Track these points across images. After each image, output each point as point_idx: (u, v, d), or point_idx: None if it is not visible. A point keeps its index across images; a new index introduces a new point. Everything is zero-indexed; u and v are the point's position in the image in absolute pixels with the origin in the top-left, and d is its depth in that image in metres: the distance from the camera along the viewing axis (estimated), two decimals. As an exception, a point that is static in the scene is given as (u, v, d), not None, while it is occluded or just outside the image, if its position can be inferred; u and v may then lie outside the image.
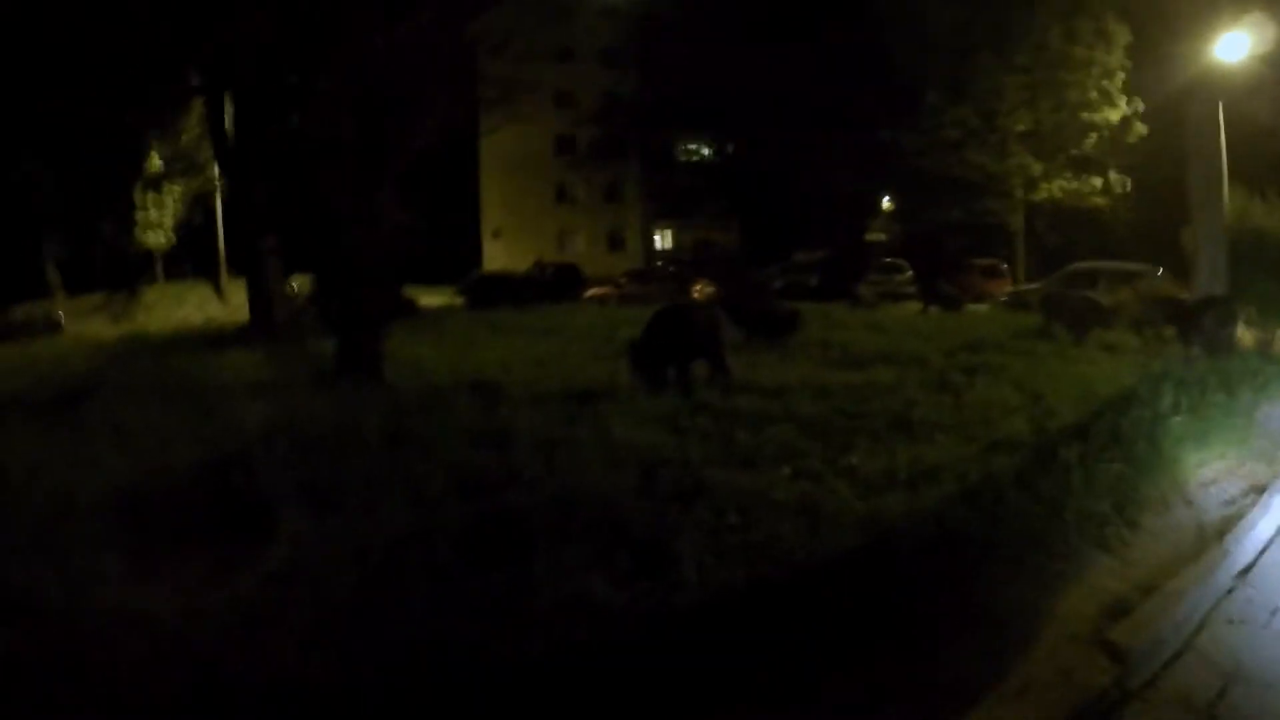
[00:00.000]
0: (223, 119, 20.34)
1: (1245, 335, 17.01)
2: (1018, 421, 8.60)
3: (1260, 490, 6.94)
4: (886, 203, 49.96)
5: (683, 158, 56.26)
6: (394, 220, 12.86)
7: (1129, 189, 37.55)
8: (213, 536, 5.11)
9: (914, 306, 26.87)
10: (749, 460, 6.77)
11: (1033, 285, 30.21)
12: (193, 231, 35.45)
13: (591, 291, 32.91)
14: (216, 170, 27.95)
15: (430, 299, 28.61)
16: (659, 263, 50.21)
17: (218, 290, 33.28)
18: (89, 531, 5.06)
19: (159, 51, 17.06)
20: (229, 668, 3.58)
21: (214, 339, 18.22)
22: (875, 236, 49.98)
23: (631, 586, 4.32)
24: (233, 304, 28.57)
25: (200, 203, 34.22)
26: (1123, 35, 33.78)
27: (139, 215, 33.06)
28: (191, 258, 36.57)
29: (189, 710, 3.41)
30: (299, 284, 24.03)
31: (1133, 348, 15.25)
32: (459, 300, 31.27)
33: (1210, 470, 7.43)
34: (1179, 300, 17.40)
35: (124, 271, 32.13)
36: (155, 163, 32.06)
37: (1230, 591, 5.23)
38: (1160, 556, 5.56)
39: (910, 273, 35.32)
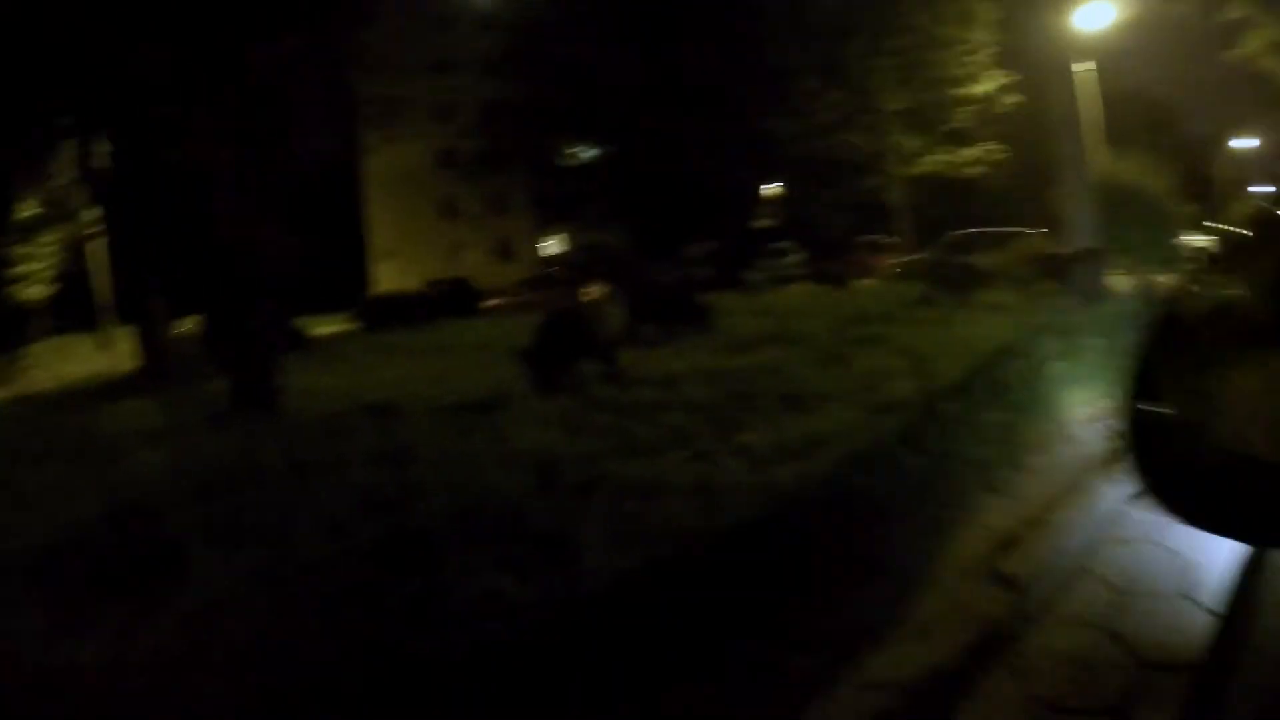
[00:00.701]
0: (92, 159, 19.78)
1: (1120, 281, 17.90)
2: (903, 385, 8.99)
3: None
4: (773, 188, 50.74)
5: (566, 162, 56.35)
6: (280, 247, 12.74)
7: (1003, 157, 38.94)
8: (125, 585, 5.05)
9: (803, 287, 27.51)
10: (645, 449, 6.98)
11: (915, 257, 31.17)
12: (73, 280, 34.27)
13: (491, 302, 32.87)
14: (94, 214, 27.04)
15: (323, 328, 28.24)
16: (552, 269, 50.25)
17: (101, 340, 32.21)
18: (-2, 593, 5.01)
19: (26, 94, 16.56)
20: (162, 712, 3.62)
21: (106, 390, 17.78)
22: (764, 222, 50.71)
23: (538, 580, 4.48)
24: (121, 352, 27.73)
25: (74, 250, 33.06)
26: (987, 12, 35.06)
27: (11, 270, 31.85)
28: (74, 309, 35.37)
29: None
30: (186, 326, 23.54)
31: (1013, 305, 15.93)
32: (354, 325, 30.89)
33: (1092, 409, 7.75)
34: (1054, 255, 18.23)
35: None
36: (26, 211, 30.83)
37: (1121, 515, 5.48)
38: (1047, 492, 5.89)
39: (798, 255, 36.04)
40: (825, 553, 4.83)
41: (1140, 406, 1.18)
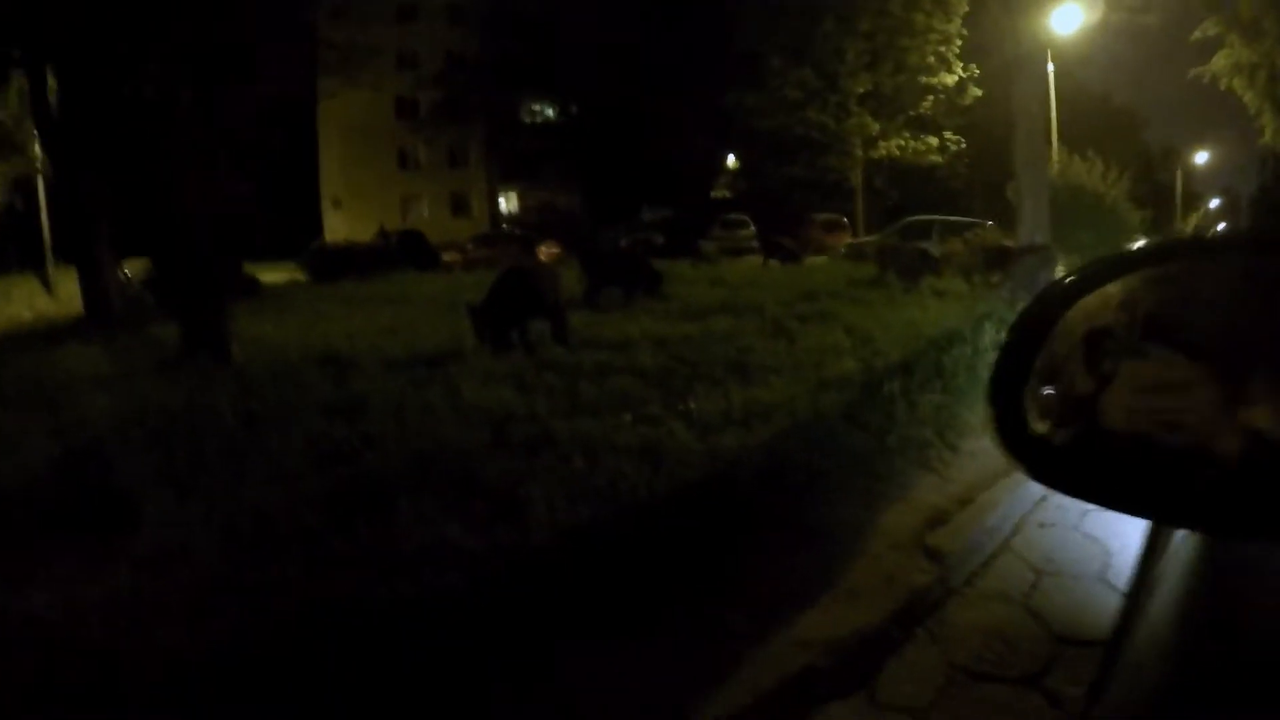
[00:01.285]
0: (45, 93, 19.16)
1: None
2: (848, 362, 9.20)
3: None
4: (731, 161, 50.85)
5: (527, 119, 55.96)
6: (233, 191, 12.61)
7: (963, 147, 39.41)
8: (78, 532, 5.08)
9: (756, 260, 27.70)
10: (593, 410, 7.12)
11: (870, 238, 31.53)
12: (15, 219, 33.22)
13: (446, 257, 32.57)
14: (39, 151, 26.25)
15: (271, 275, 27.83)
16: (504, 226, 49.98)
17: (45, 282, 31.34)
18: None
19: None
20: (120, 656, 3.62)
21: (48, 334, 17.45)
22: (721, 194, 50.88)
23: (488, 531, 4.63)
24: (63, 296, 26.99)
25: (20, 187, 32.06)
26: (961, 4, 35.30)
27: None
28: (16, 248, 34.29)
29: (89, 704, 3.46)
30: (132, 269, 23.08)
31: (961, 293, 16.24)
32: (301, 275, 30.42)
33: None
34: (1005, 248, 18.58)
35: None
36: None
37: (1043, 499, 5.76)
38: (978, 474, 6.11)
39: (753, 228, 36.23)
40: (764, 519, 5.04)
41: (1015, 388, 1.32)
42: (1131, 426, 1.20)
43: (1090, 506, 4.93)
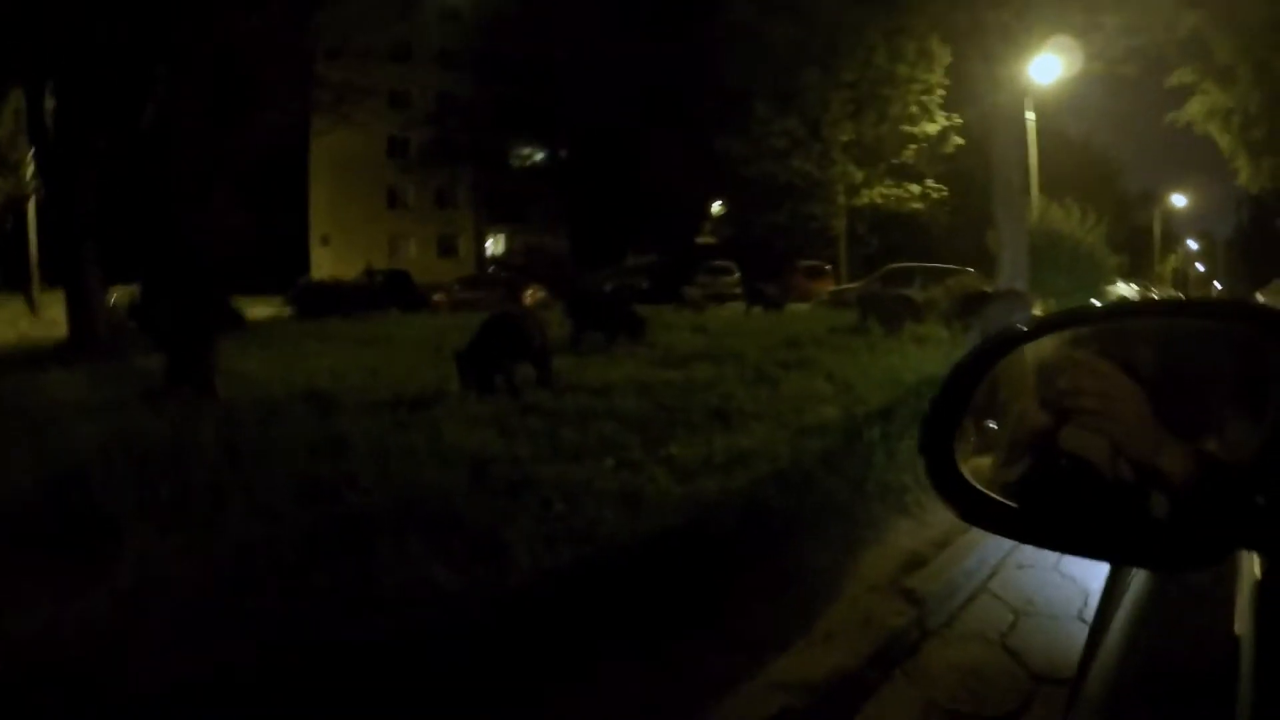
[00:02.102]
0: (43, 113, 19.05)
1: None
2: (828, 409, 9.32)
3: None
4: (717, 207, 51.21)
5: (516, 162, 56.27)
6: (229, 223, 12.65)
7: (945, 195, 39.86)
8: (57, 557, 5.08)
9: (740, 307, 27.86)
10: (574, 454, 7.19)
11: (852, 285, 31.81)
12: (2, 240, 32.97)
13: (434, 298, 32.59)
14: (30, 171, 26.07)
15: (257, 310, 27.84)
16: (491, 269, 50.08)
17: (30, 304, 31.14)
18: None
19: None
20: (98, 682, 3.63)
21: (32, 358, 17.41)
22: (706, 239, 51.18)
23: (469, 572, 4.68)
24: (48, 318, 26.84)
25: (10, 208, 31.86)
26: (944, 55, 35.86)
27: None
28: (2, 269, 34.01)
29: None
30: (117, 296, 23.00)
31: (941, 339, 16.39)
32: (286, 310, 30.41)
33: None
34: (985, 294, 18.79)
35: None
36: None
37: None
38: (956, 519, 6.19)
39: (738, 274, 36.43)
40: (742, 563, 5.10)
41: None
42: (1085, 452, 1.23)
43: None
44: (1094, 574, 5.05)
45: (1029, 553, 5.68)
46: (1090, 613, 4.59)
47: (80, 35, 12.58)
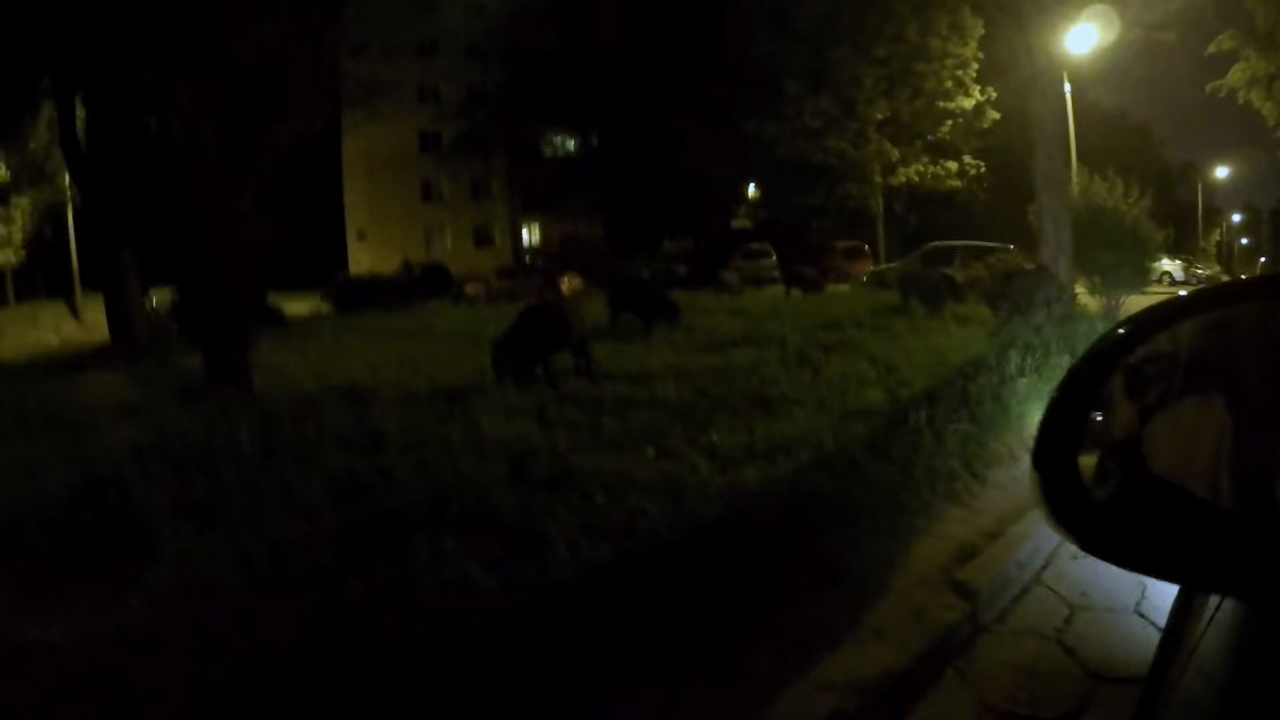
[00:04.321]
0: (74, 124, 19.32)
1: (1090, 301, 18.18)
2: (872, 392, 9.15)
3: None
4: (752, 190, 50.89)
5: (548, 151, 56.22)
6: (256, 224, 12.66)
7: (983, 171, 39.31)
8: (95, 560, 5.08)
9: (778, 290, 27.62)
10: (614, 444, 7.05)
11: (891, 265, 31.43)
12: (44, 247, 33.54)
13: (469, 289, 32.64)
14: (68, 179, 26.43)
15: (296, 306, 28.05)
16: (527, 258, 50.13)
17: (73, 309, 31.64)
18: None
19: (3, 51, 16.11)
20: (136, 686, 3.58)
21: (74, 361, 17.60)
22: (742, 223, 50.89)
23: (507, 569, 4.55)
24: (90, 322, 27.19)
25: (50, 215, 32.39)
26: (976, 28, 35.32)
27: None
28: (44, 275, 34.61)
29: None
30: (158, 298, 23.28)
31: (984, 318, 16.12)
32: (325, 306, 30.62)
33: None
34: (1023, 272, 18.45)
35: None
36: (1, 173, 30.20)
37: None
38: (1007, 505, 6.00)
39: (775, 257, 36.15)
40: (787, 555, 4.91)
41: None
42: (1172, 473, 1.13)
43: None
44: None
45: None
46: (1149, 607, 4.41)
47: (105, 48, 12.64)
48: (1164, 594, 1.46)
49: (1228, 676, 1.18)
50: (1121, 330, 1.24)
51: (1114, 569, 3.82)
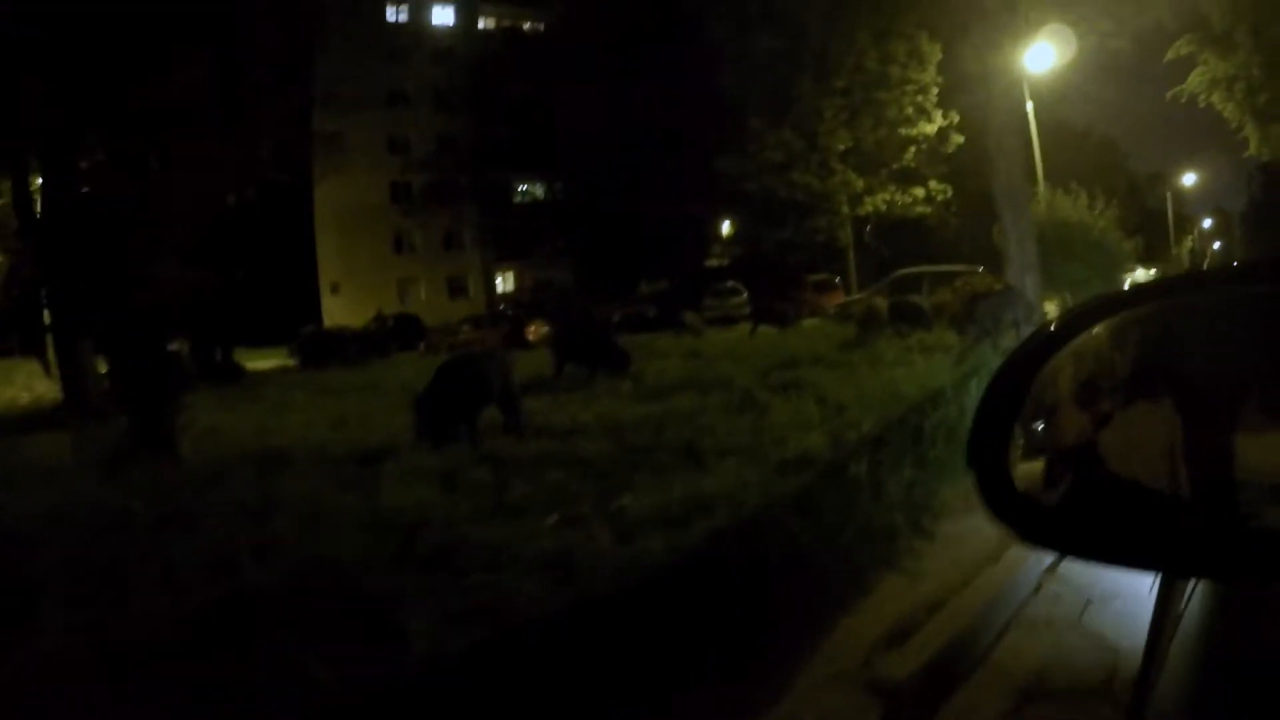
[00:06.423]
0: (27, 186, 19.21)
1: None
2: (815, 437, 8.65)
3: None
4: (726, 227, 50.91)
5: (518, 198, 56.24)
6: (194, 284, 12.39)
7: (950, 195, 39.30)
8: None
9: (746, 328, 27.33)
10: (517, 511, 6.67)
11: (857, 297, 31.25)
12: (18, 304, 33.21)
13: (421, 345, 32.34)
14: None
15: (262, 362, 27.74)
16: (501, 306, 49.92)
17: (45, 366, 31.23)
18: None
19: None
20: None
21: (28, 420, 17.39)
22: (717, 261, 50.82)
23: (352, 662, 4.17)
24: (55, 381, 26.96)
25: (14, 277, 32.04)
26: (935, 53, 35.47)
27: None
28: (19, 332, 34.32)
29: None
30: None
31: (950, 346, 15.77)
32: (292, 360, 30.23)
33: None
34: (989, 294, 18.24)
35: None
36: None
37: (1037, 590, 5.03)
38: (956, 566, 5.39)
39: (745, 295, 36.01)
40: (675, 644, 4.15)
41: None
42: (1129, 472, 1.22)
43: (1091, 597, 4.30)
44: (1125, 632, 4.01)
45: (1046, 605, 4.90)
46: (1119, 684, 3.71)
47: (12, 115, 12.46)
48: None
49: (1205, 648, 1.31)
50: (1045, 330, 1.34)
51: (1078, 639, 3.40)
